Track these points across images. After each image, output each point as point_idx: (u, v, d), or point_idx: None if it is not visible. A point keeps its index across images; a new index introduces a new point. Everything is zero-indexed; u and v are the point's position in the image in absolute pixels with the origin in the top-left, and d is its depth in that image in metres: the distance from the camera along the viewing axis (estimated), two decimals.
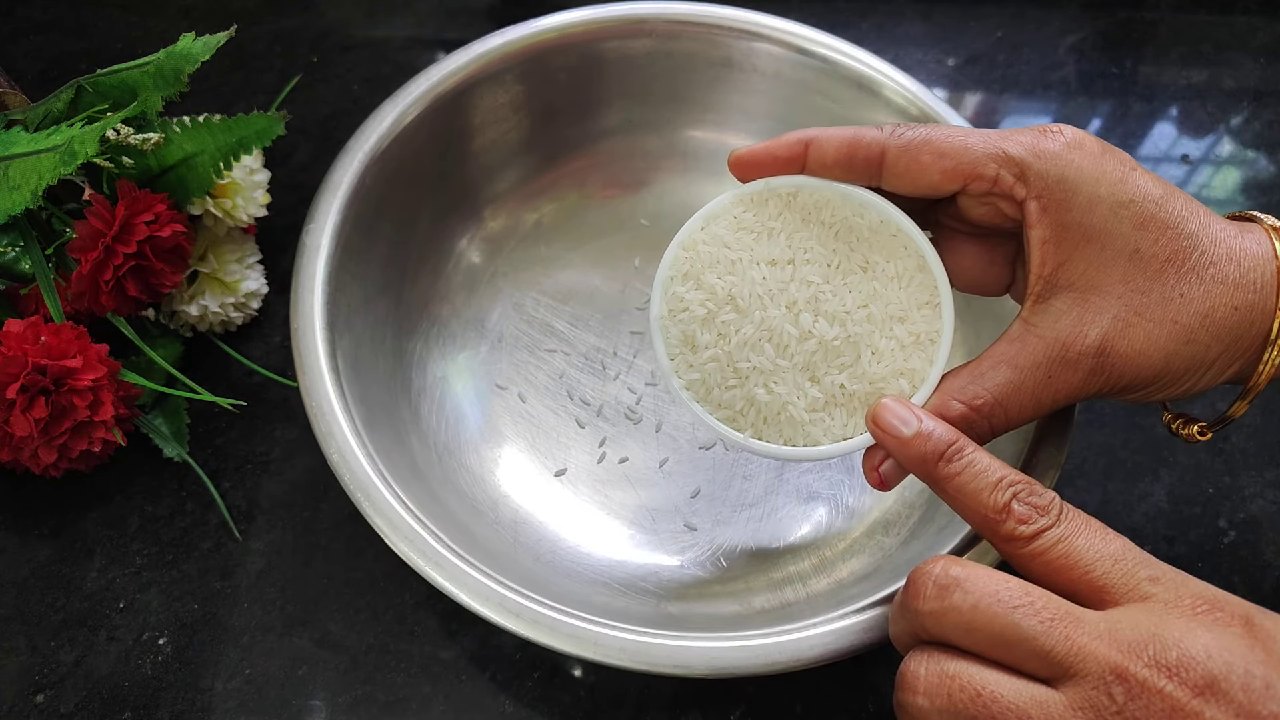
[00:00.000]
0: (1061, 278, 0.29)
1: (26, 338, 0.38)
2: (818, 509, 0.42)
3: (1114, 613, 0.25)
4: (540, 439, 0.44)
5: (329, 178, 0.41)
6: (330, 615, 0.41)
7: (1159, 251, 0.29)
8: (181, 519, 0.43)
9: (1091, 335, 0.29)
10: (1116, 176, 0.29)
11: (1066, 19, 0.61)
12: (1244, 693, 0.23)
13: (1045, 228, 0.29)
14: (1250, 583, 0.42)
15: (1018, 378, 0.29)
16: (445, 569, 0.33)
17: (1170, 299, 0.28)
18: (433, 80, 0.44)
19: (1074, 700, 0.23)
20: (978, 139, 0.30)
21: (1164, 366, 0.29)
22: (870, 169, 0.31)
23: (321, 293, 0.38)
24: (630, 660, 0.32)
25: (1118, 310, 0.29)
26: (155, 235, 0.40)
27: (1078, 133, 0.30)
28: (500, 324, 0.47)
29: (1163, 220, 0.29)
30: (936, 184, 0.30)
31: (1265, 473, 0.45)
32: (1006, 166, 0.29)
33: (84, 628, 0.40)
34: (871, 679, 0.39)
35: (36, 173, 0.39)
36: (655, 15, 0.47)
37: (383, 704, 0.39)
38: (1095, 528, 0.27)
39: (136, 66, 0.44)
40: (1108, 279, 0.29)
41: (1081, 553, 0.26)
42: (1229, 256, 0.29)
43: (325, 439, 0.35)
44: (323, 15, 0.62)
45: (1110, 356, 0.29)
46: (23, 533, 0.43)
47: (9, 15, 0.61)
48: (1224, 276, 0.29)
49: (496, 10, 0.62)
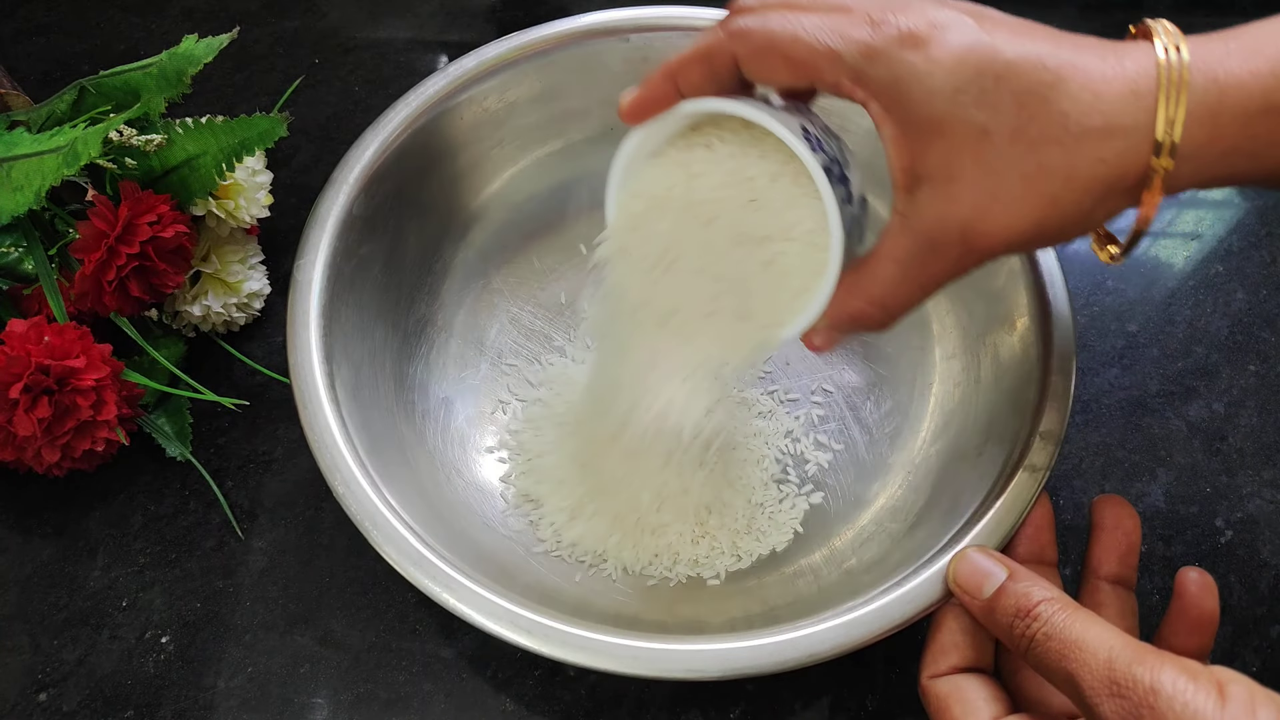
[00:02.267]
0: (920, 169, 0.29)
1: (30, 338, 0.39)
2: (822, 498, 0.43)
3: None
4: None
5: (316, 210, 0.41)
6: (332, 614, 0.41)
7: (1008, 125, 0.28)
8: (184, 518, 0.43)
9: (952, 224, 0.29)
10: (954, 57, 0.28)
11: (1065, 19, 0.61)
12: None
13: (890, 125, 0.29)
14: (1247, 582, 0.42)
15: (899, 271, 0.30)
16: (459, 593, 0.33)
17: (1027, 172, 0.28)
18: (412, 107, 0.44)
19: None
20: (820, 36, 0.29)
21: (1036, 231, 0.29)
22: (731, 76, 0.31)
23: (317, 326, 0.38)
24: (647, 668, 0.32)
25: (974, 197, 0.28)
26: (158, 236, 0.41)
27: (916, 20, 0.29)
28: (499, 340, 0.47)
29: (1008, 89, 0.27)
30: (788, 82, 0.31)
31: (1262, 472, 0.45)
32: (843, 69, 0.29)
33: (87, 626, 0.40)
34: (871, 677, 0.40)
35: (40, 174, 0.39)
36: (648, 20, 0.47)
37: (384, 702, 0.39)
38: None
39: (139, 68, 0.44)
40: (962, 167, 0.28)
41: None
42: (1093, 103, 0.27)
43: (330, 472, 0.35)
44: (324, 17, 0.62)
45: (975, 239, 0.29)
46: (26, 532, 0.43)
47: (12, 16, 0.61)
48: (1085, 129, 0.27)
49: (497, 12, 0.63)
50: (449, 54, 0.60)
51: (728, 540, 0.41)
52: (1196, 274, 0.51)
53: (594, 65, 0.47)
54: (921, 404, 0.44)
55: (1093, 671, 0.27)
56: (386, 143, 0.43)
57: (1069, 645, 0.28)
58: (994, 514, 0.35)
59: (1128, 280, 0.51)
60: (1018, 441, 0.37)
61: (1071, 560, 0.42)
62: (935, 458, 0.42)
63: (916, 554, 0.35)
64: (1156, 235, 0.53)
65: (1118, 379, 0.48)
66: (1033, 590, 0.30)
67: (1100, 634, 0.28)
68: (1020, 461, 0.36)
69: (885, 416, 0.45)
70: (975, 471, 0.38)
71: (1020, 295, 0.40)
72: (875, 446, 0.44)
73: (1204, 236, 0.53)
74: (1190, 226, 0.53)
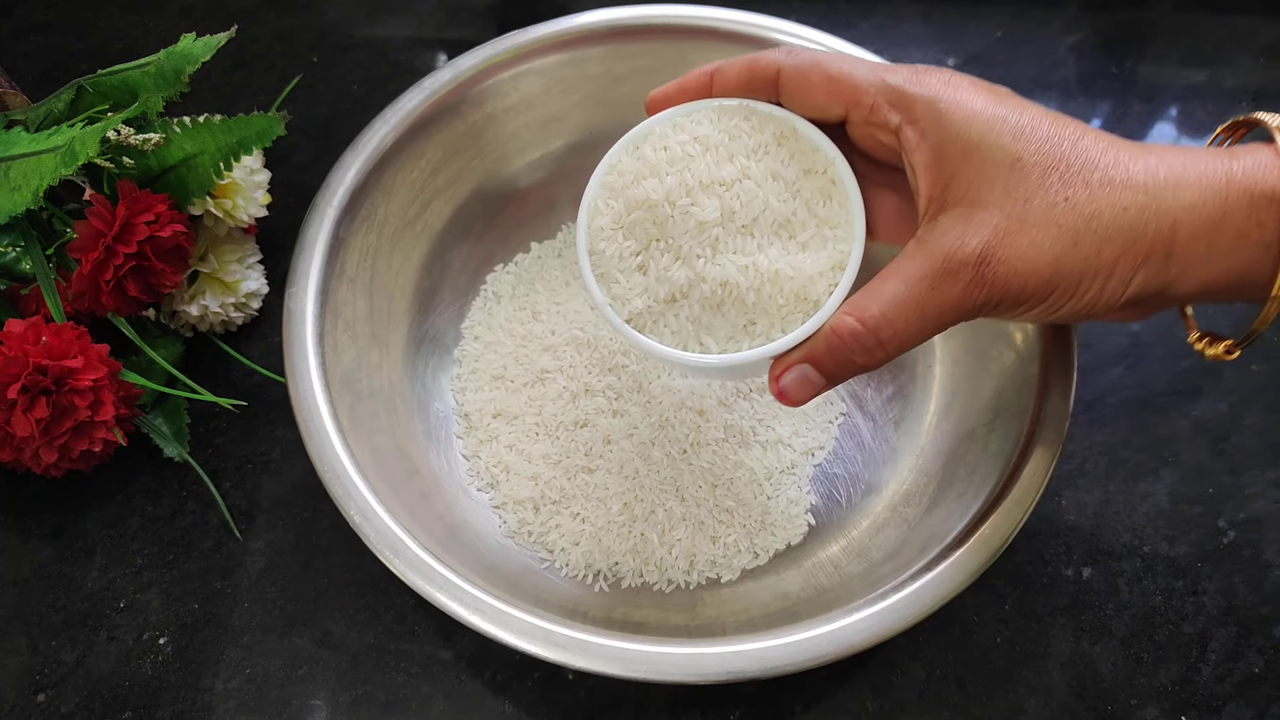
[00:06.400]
0: (948, 197, 0.29)
1: (27, 338, 0.38)
2: (837, 489, 0.43)
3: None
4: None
5: (303, 236, 0.41)
6: (330, 615, 0.41)
7: (1040, 159, 0.29)
8: (182, 519, 0.43)
9: (972, 245, 0.29)
10: (991, 98, 0.30)
11: (1066, 19, 0.61)
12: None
13: (924, 151, 0.30)
14: (1251, 583, 0.42)
15: (903, 290, 0.29)
16: (487, 613, 0.33)
17: (1054, 204, 0.28)
18: (390, 125, 0.43)
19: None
20: (863, 68, 0.31)
21: (1053, 273, 0.29)
22: (768, 88, 0.32)
23: (314, 354, 0.38)
24: (684, 674, 0.32)
25: (999, 220, 0.28)
26: (156, 235, 0.40)
27: (956, 72, 0.31)
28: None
29: (1043, 133, 0.29)
30: (823, 104, 0.31)
31: (1267, 472, 0.45)
32: (884, 94, 0.30)
33: (85, 627, 0.40)
34: (872, 678, 0.39)
35: (38, 173, 0.39)
36: (657, 19, 0.47)
37: (383, 704, 0.39)
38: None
39: (137, 67, 0.44)
40: (990, 192, 0.29)
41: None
42: (1117, 161, 0.28)
43: (344, 501, 0.35)
44: (323, 15, 0.62)
45: (992, 264, 0.28)
46: (23, 533, 0.43)
47: (9, 15, 0.61)
48: (1110, 179, 0.28)
49: (496, 10, 0.62)
50: (448, 52, 0.60)
51: (745, 539, 0.41)
52: None
53: (600, 69, 0.47)
54: (924, 387, 0.44)
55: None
56: (366, 163, 0.43)
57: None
58: (1015, 494, 0.35)
59: None
60: (1026, 418, 0.37)
61: (1074, 561, 0.42)
62: (943, 439, 0.42)
63: (937, 538, 0.35)
64: None
65: (1122, 378, 0.48)
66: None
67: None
68: (1033, 438, 0.36)
69: (888, 402, 0.45)
70: (986, 451, 0.38)
71: None
72: (881, 432, 0.44)
73: None
74: None
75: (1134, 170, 0.28)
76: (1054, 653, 0.40)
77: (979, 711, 0.39)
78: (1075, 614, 0.41)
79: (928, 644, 0.40)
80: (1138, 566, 0.42)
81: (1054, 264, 0.28)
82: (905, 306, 0.29)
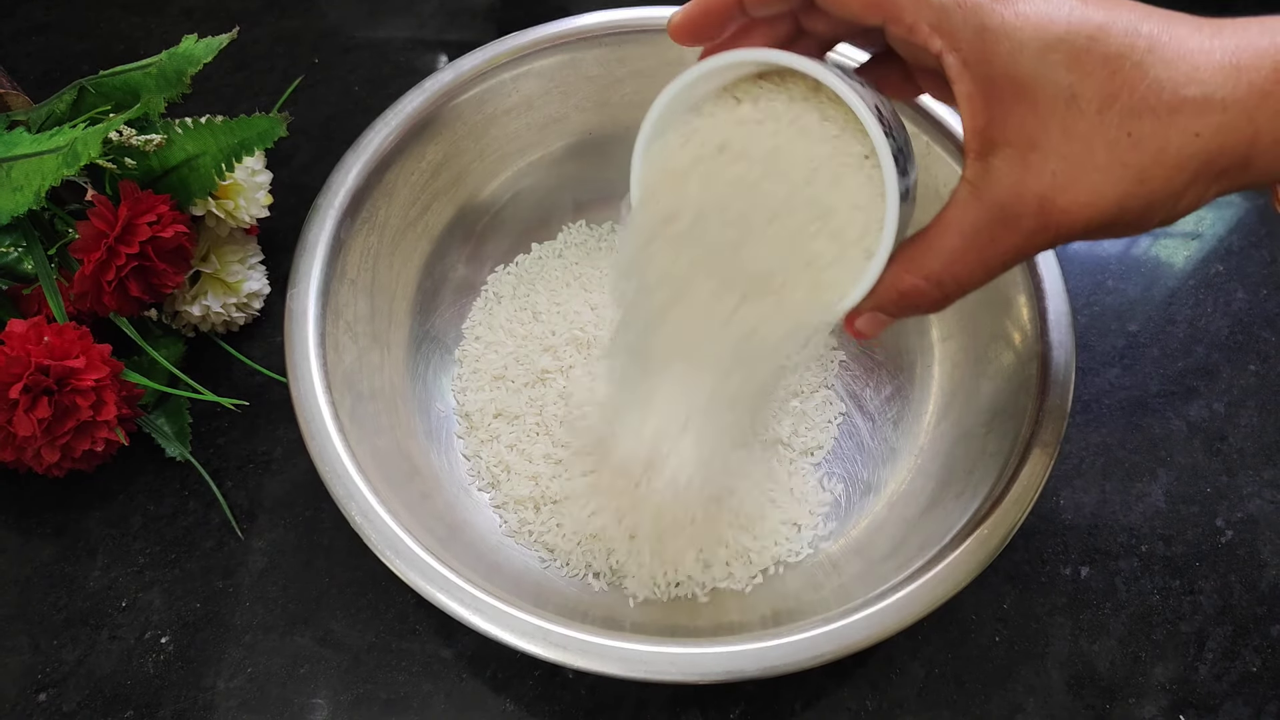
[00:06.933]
0: (997, 134, 0.27)
1: (29, 338, 0.39)
2: (837, 487, 0.43)
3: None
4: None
5: (304, 237, 0.41)
6: (332, 614, 0.41)
7: (1098, 91, 0.26)
8: (184, 518, 0.43)
9: (1029, 197, 0.27)
10: (1044, 14, 0.27)
11: None
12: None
13: (968, 82, 0.27)
14: (1247, 582, 0.42)
15: (963, 244, 0.28)
16: (487, 613, 0.33)
17: (1116, 142, 0.26)
18: (391, 126, 0.44)
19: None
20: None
21: (1117, 211, 0.27)
22: (803, 3, 0.30)
23: (315, 354, 0.38)
24: (683, 673, 0.32)
25: (1057, 166, 0.27)
26: (157, 236, 0.41)
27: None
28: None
29: (1100, 54, 0.26)
30: (858, 13, 0.28)
31: (1263, 472, 0.45)
32: (925, 13, 0.27)
33: (86, 626, 0.40)
34: (871, 677, 0.40)
35: (40, 174, 0.39)
36: (657, 20, 0.47)
37: (384, 702, 0.39)
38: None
39: (139, 68, 0.44)
40: (1045, 133, 0.27)
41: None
42: (1190, 73, 0.26)
43: (345, 501, 0.35)
44: (324, 17, 0.62)
45: (1052, 214, 0.27)
46: (25, 532, 0.43)
47: (11, 16, 0.61)
48: (1181, 99, 0.26)
49: (496, 12, 0.63)
50: (449, 53, 0.60)
51: (744, 538, 0.41)
52: (1197, 273, 0.51)
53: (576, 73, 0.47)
54: (923, 387, 0.44)
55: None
56: (367, 164, 0.43)
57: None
58: (1013, 493, 0.35)
59: (1128, 280, 0.51)
60: (1024, 418, 0.37)
61: (1072, 560, 0.42)
62: (942, 439, 0.42)
63: (935, 537, 0.35)
64: (1157, 235, 0.53)
65: (1118, 379, 0.48)
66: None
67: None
68: (1032, 438, 0.36)
69: (887, 402, 0.45)
70: (985, 451, 0.38)
71: (1015, 270, 0.40)
72: (879, 432, 0.44)
73: (1204, 236, 0.53)
74: (1190, 226, 0.53)
75: (1210, 82, 0.25)
76: (1052, 651, 0.40)
77: (978, 710, 0.39)
78: (1073, 613, 0.41)
79: (927, 643, 0.40)
80: (1135, 566, 0.42)
81: (1119, 203, 0.27)
82: (967, 257, 0.28)
